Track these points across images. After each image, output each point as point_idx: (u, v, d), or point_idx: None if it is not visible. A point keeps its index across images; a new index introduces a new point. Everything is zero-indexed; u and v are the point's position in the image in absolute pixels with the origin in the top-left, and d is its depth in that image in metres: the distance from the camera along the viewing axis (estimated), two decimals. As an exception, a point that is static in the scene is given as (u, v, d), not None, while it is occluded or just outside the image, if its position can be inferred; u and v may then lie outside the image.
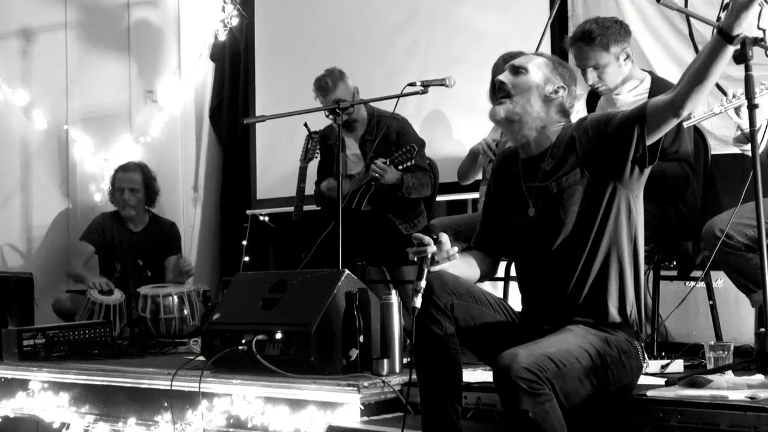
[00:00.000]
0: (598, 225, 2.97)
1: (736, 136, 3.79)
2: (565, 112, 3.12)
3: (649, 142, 2.91)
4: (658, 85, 4.20)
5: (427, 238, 2.89)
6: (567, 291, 3.00)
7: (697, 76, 2.78)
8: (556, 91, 3.09)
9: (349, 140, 5.46)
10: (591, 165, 2.98)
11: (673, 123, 2.90)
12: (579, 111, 5.23)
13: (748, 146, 3.65)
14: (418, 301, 2.83)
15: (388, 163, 5.04)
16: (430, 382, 2.91)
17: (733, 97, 3.63)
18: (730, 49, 2.73)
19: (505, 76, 3.12)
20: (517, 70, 3.12)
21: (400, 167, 5.08)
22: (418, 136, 5.39)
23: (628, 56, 4.16)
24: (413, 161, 5.06)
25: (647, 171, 2.99)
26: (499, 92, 3.12)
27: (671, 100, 2.85)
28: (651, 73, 4.36)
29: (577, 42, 4.15)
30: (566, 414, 2.68)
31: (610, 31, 4.10)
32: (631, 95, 4.22)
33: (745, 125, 3.64)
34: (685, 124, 3.77)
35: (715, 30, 2.74)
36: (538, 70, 3.10)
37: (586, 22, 4.19)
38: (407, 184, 5.14)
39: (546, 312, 3.04)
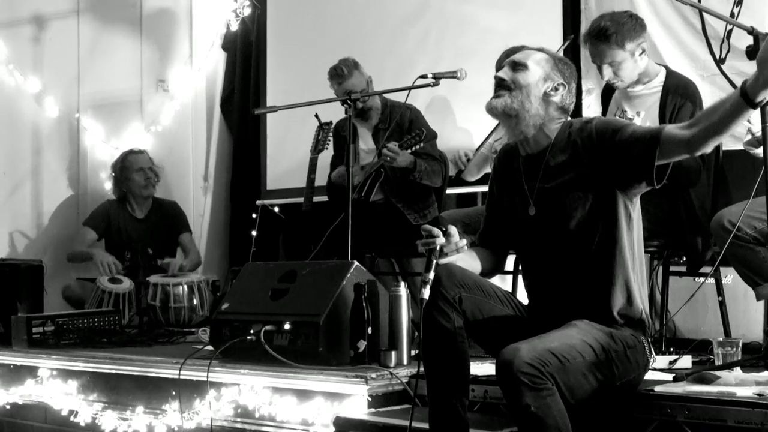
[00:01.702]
0: (598, 227, 2.95)
1: (746, 140, 3.78)
2: (564, 110, 3.09)
3: (659, 163, 2.87)
4: (672, 79, 4.19)
5: (435, 230, 2.89)
6: (570, 290, 3.00)
7: (715, 128, 2.73)
8: (555, 89, 3.06)
9: (363, 131, 5.46)
10: (594, 172, 2.96)
11: (684, 157, 2.89)
12: (590, 105, 5.24)
13: (759, 150, 3.64)
14: (426, 293, 2.84)
15: (399, 146, 5.05)
16: (438, 375, 2.91)
17: None
18: (752, 110, 2.69)
19: (504, 72, 3.10)
20: (517, 67, 3.09)
21: (410, 150, 5.09)
22: (430, 126, 5.39)
23: (643, 51, 4.14)
24: (422, 144, 5.07)
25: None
26: (497, 87, 3.10)
27: (687, 140, 2.80)
28: (666, 67, 4.35)
29: (592, 39, 4.14)
30: (571, 409, 2.68)
31: (625, 28, 4.08)
32: (645, 88, 4.21)
33: (756, 128, 3.64)
34: None
35: (738, 90, 2.65)
36: (537, 67, 3.07)
37: (601, 18, 4.17)
38: (420, 167, 5.14)
39: (551, 310, 3.04)
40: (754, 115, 3.57)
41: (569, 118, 3.12)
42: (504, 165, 3.24)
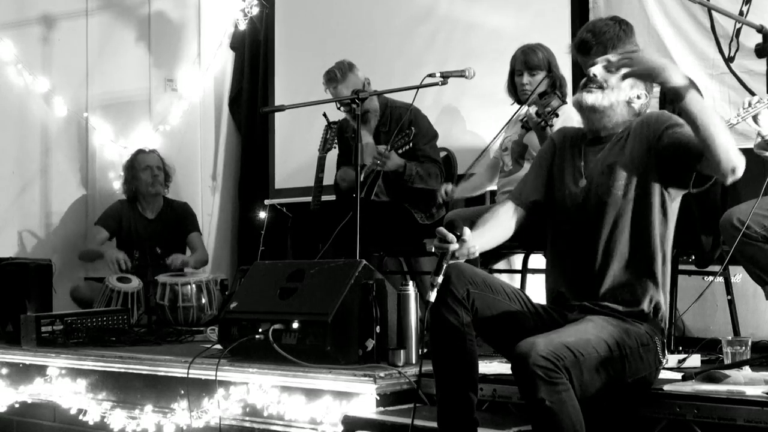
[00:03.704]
0: (632, 210, 3.00)
1: (757, 143, 3.77)
2: (638, 115, 3.16)
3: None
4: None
5: (450, 236, 2.87)
6: (599, 275, 3.02)
7: (700, 138, 2.83)
8: (638, 97, 3.14)
9: (364, 132, 5.45)
10: (640, 161, 3.02)
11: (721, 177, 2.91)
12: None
13: (770, 153, 3.64)
14: (433, 296, 2.84)
15: (388, 148, 5.04)
16: (446, 373, 2.91)
17: (749, 105, 3.61)
18: (691, 97, 2.77)
19: (598, 69, 3.09)
20: (611, 69, 3.05)
21: (400, 151, 5.08)
22: (430, 126, 5.37)
23: None
24: (410, 144, 5.07)
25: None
26: (590, 82, 3.13)
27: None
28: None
29: (575, 51, 4.12)
30: (580, 404, 2.68)
31: (606, 37, 4.03)
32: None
33: (765, 131, 3.63)
34: None
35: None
36: None
37: (583, 30, 4.14)
38: (410, 171, 5.14)
39: (575, 296, 3.06)
40: (762, 120, 3.57)
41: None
42: (566, 142, 3.28)
